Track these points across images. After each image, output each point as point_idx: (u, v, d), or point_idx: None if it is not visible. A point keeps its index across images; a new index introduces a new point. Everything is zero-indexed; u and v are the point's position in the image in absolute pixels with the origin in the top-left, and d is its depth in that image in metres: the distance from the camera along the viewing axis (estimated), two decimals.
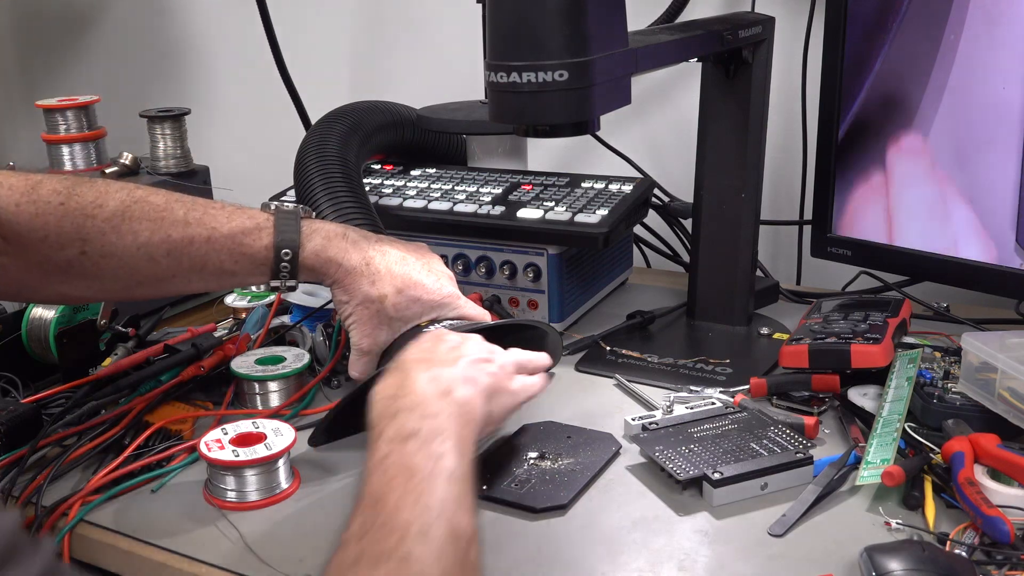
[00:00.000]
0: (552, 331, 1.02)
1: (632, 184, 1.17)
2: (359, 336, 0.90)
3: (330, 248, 0.89)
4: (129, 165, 1.28)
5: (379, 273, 0.89)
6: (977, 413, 0.83)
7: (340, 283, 0.89)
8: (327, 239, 0.89)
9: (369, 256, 0.89)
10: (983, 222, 0.98)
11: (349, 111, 1.21)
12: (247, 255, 0.87)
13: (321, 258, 0.88)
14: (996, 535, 0.70)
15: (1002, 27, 0.93)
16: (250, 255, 0.87)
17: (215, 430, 0.85)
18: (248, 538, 0.77)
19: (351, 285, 0.89)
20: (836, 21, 1.06)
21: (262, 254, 0.87)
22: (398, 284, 0.89)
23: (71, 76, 2.09)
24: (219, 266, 0.86)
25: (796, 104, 1.33)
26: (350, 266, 0.88)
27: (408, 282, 0.90)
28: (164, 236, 0.85)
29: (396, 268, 0.90)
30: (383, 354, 0.92)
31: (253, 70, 1.69)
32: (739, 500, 0.79)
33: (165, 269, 0.85)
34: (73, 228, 0.82)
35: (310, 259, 0.88)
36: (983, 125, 0.96)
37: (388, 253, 0.91)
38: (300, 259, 0.87)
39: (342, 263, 0.88)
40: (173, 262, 0.85)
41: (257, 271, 0.88)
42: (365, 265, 0.89)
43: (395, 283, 0.89)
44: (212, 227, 0.86)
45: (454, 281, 0.94)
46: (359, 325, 0.90)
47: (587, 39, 0.80)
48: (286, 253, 0.87)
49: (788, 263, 1.40)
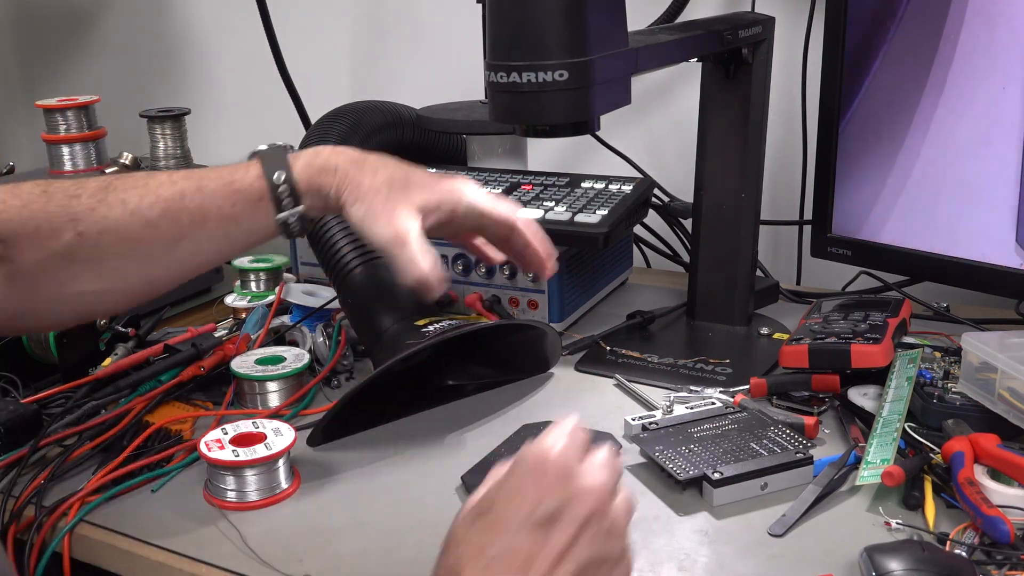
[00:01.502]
0: (551, 331, 1.03)
1: (632, 184, 1.17)
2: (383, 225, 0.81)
3: (320, 155, 0.84)
4: (129, 165, 1.28)
5: (377, 163, 0.84)
6: (977, 413, 0.83)
7: (341, 187, 0.83)
8: (315, 152, 0.85)
9: (363, 154, 0.85)
10: (983, 222, 0.98)
11: (349, 111, 1.21)
12: (241, 191, 0.82)
13: (314, 167, 0.83)
14: (996, 535, 0.70)
15: (1001, 27, 0.93)
16: (244, 191, 0.82)
17: (215, 430, 0.85)
18: (248, 538, 0.77)
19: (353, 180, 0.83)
20: (836, 21, 1.06)
21: (256, 185, 0.82)
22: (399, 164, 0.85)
23: (71, 76, 2.09)
24: (219, 213, 0.81)
25: (796, 104, 1.33)
26: (346, 166, 0.83)
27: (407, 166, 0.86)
28: (154, 197, 0.81)
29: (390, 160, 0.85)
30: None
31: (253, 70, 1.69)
32: (739, 500, 0.79)
33: (167, 232, 0.81)
34: (60, 210, 0.79)
35: (303, 173, 0.83)
36: (983, 125, 0.96)
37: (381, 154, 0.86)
38: (295, 177, 0.82)
39: (338, 166, 0.83)
40: (171, 222, 0.81)
41: (259, 209, 0.82)
42: (362, 159, 0.84)
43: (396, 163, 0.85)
44: (199, 177, 0.82)
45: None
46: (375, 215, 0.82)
47: (587, 39, 0.80)
48: (279, 175, 0.82)
49: (788, 263, 1.40)
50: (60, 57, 2.10)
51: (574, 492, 0.57)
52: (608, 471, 0.59)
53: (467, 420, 0.95)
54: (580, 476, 0.58)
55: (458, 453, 0.88)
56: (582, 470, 0.58)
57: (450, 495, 0.82)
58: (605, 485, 0.58)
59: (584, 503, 0.57)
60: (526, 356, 1.03)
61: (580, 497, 0.57)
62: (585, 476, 0.58)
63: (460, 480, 0.83)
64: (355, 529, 0.78)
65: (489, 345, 1.01)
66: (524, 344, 1.03)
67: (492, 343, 1.02)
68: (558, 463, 0.58)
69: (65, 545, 0.79)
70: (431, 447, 0.91)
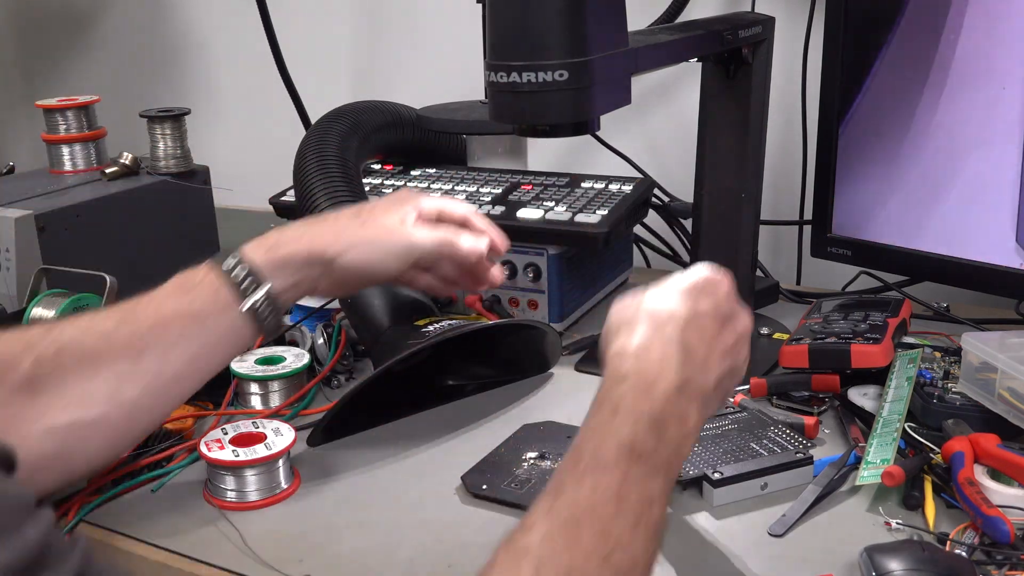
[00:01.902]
0: (551, 331, 1.03)
1: (632, 184, 1.17)
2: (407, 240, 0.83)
3: (268, 236, 0.82)
4: (129, 165, 1.28)
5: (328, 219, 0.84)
6: (977, 413, 0.83)
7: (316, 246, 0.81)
8: (262, 236, 0.82)
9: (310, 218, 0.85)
10: (983, 222, 0.98)
11: (349, 111, 1.21)
12: (196, 288, 0.79)
13: (266, 245, 0.80)
14: (996, 535, 0.70)
15: (1002, 27, 0.93)
16: (199, 286, 0.79)
17: (215, 430, 0.85)
18: (248, 538, 0.77)
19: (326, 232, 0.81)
20: (836, 21, 1.06)
21: (209, 278, 0.79)
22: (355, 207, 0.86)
23: (71, 76, 2.09)
24: (177, 312, 0.77)
25: (796, 104, 1.33)
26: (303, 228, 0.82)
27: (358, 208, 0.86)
28: (106, 313, 0.78)
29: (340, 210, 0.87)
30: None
31: (253, 70, 1.69)
32: (739, 500, 0.79)
33: (126, 341, 0.76)
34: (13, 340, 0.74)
35: (257, 251, 0.80)
36: (983, 125, 0.96)
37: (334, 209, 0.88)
38: (248, 256, 0.79)
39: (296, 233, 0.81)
40: (129, 329, 0.76)
41: (220, 301, 0.78)
42: (311, 219, 0.84)
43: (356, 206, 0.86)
44: (148, 291, 0.79)
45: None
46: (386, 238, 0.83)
47: (587, 39, 0.80)
48: (229, 261, 0.79)
49: (788, 263, 1.40)
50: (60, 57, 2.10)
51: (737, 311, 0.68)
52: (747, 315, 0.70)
53: (467, 420, 0.95)
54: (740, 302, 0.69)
55: (458, 453, 0.88)
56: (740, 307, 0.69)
57: (450, 495, 0.82)
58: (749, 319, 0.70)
59: (740, 323, 0.68)
60: (526, 356, 1.03)
61: (739, 318, 0.68)
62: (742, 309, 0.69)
63: (460, 480, 0.83)
64: (355, 529, 0.78)
65: (489, 345, 1.01)
66: (524, 344, 1.03)
67: (492, 343, 1.02)
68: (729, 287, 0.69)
69: None
70: (431, 447, 0.91)
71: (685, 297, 0.66)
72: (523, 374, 1.03)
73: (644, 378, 0.62)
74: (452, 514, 0.80)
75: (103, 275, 1.02)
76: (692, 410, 0.62)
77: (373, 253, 0.82)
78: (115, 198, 1.22)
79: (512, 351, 1.02)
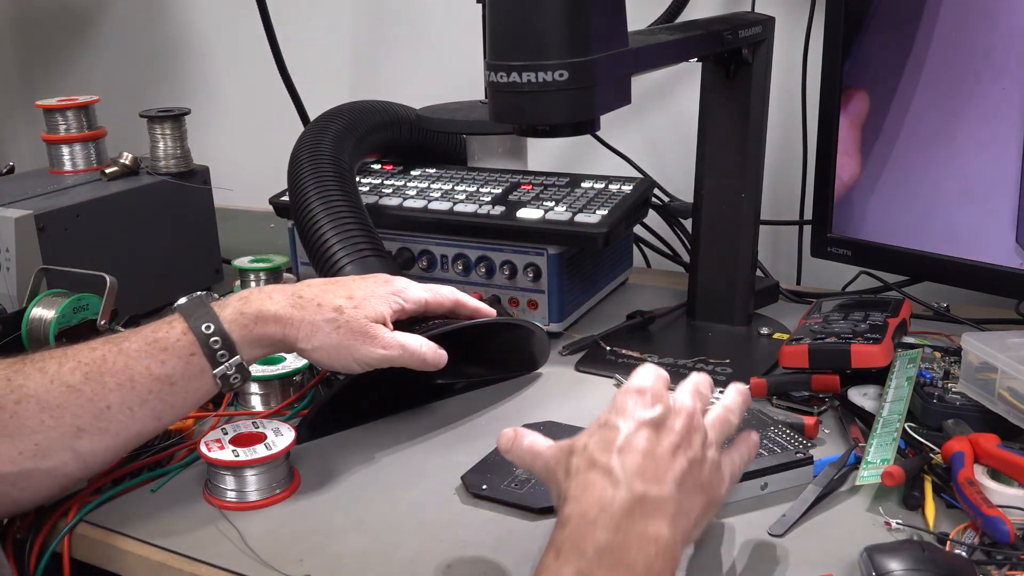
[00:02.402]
0: (539, 330, 1.03)
1: (632, 184, 1.17)
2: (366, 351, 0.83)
3: (251, 303, 0.81)
4: (129, 165, 1.28)
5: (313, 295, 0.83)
6: (977, 413, 0.83)
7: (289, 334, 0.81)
8: (243, 300, 0.82)
9: (294, 291, 0.84)
10: (983, 222, 0.98)
11: (345, 111, 1.21)
12: (169, 349, 0.78)
13: (248, 316, 0.80)
14: (996, 535, 0.70)
15: (1001, 27, 0.93)
16: (172, 348, 0.78)
17: (215, 430, 0.85)
18: (248, 538, 0.77)
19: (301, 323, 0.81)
20: (836, 21, 1.06)
21: (183, 341, 0.78)
22: (331, 286, 0.85)
23: (71, 76, 2.09)
24: (147, 373, 0.77)
25: (796, 104, 1.33)
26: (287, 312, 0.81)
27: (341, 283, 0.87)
28: (74, 363, 0.77)
29: (320, 285, 0.86)
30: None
31: (253, 70, 1.69)
32: (739, 500, 0.79)
33: (92, 397, 0.76)
34: None
35: (236, 323, 0.80)
36: (983, 124, 0.96)
37: (311, 284, 0.86)
38: (225, 328, 0.79)
39: (278, 313, 0.81)
40: (96, 386, 0.76)
41: (191, 365, 0.78)
42: (298, 298, 0.82)
43: (329, 287, 0.85)
44: (119, 340, 0.79)
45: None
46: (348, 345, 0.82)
47: (587, 39, 0.80)
48: (207, 327, 0.79)
49: (788, 263, 1.40)
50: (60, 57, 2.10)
51: (670, 407, 0.66)
52: (693, 396, 0.68)
53: (467, 420, 0.95)
54: (670, 399, 0.67)
55: (458, 453, 0.88)
56: (672, 395, 0.67)
57: (450, 495, 0.82)
58: (693, 406, 0.67)
59: (681, 414, 0.65)
60: (516, 355, 1.03)
61: (675, 411, 0.66)
62: (675, 399, 0.67)
63: (460, 480, 0.83)
64: (355, 529, 0.78)
65: (479, 344, 1.01)
66: (514, 343, 1.03)
67: (482, 342, 1.02)
68: (651, 390, 0.66)
69: (65, 545, 0.79)
70: (431, 447, 0.91)
71: (611, 420, 0.65)
72: (513, 372, 1.03)
73: (586, 516, 0.60)
74: (452, 514, 0.80)
75: (103, 275, 1.02)
76: (657, 526, 0.60)
77: (340, 360, 0.83)
78: (115, 198, 1.22)
79: (501, 350, 1.03)
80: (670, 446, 0.63)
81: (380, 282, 0.89)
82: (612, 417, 0.65)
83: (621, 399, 0.66)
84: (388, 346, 0.83)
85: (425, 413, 0.97)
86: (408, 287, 0.90)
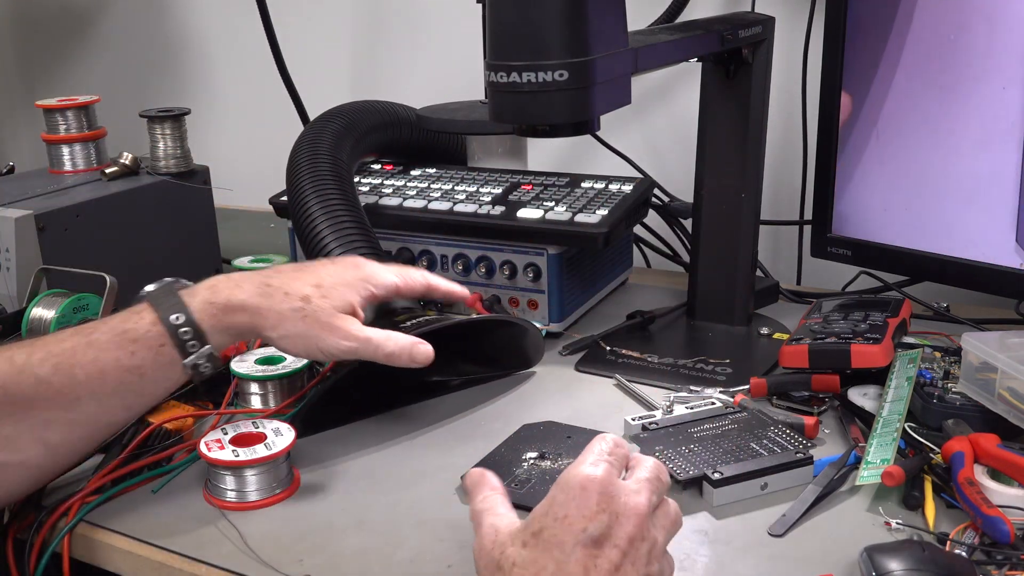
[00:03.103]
0: (533, 328, 1.03)
1: (632, 184, 1.17)
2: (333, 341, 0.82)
3: (219, 292, 0.80)
4: (129, 165, 1.28)
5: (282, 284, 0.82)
6: (977, 413, 0.83)
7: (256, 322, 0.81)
8: (212, 288, 0.81)
9: (264, 279, 0.83)
10: (983, 222, 0.98)
11: (344, 111, 1.21)
12: (139, 340, 0.77)
13: (216, 305, 0.80)
14: (996, 535, 0.70)
15: (1001, 27, 0.93)
16: (142, 339, 0.77)
17: (215, 430, 0.85)
18: (248, 538, 0.77)
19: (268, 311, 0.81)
20: (836, 21, 1.06)
21: (153, 332, 0.77)
22: (300, 272, 0.85)
23: (71, 76, 2.09)
24: (118, 365, 0.76)
25: (796, 104, 1.33)
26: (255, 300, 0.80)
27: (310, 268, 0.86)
28: (44, 353, 0.75)
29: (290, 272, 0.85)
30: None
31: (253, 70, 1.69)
32: (739, 500, 0.79)
33: (61, 389, 0.75)
34: None
35: (205, 312, 0.79)
36: (983, 125, 0.96)
37: (281, 270, 0.85)
38: (195, 318, 0.78)
39: (245, 302, 0.80)
40: (65, 378, 0.75)
41: (161, 355, 0.78)
42: (266, 287, 0.82)
43: (298, 273, 0.84)
44: (88, 332, 0.77)
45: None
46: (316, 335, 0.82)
47: (587, 39, 0.80)
48: (177, 317, 0.78)
49: (788, 263, 1.40)
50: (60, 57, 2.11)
51: (616, 513, 0.59)
52: (647, 491, 0.62)
53: (467, 421, 0.95)
54: (620, 498, 0.60)
55: (458, 453, 0.88)
56: (623, 491, 0.61)
57: (450, 495, 0.82)
58: (644, 506, 0.61)
59: (626, 525, 0.59)
60: (510, 353, 1.03)
61: (623, 519, 0.59)
62: (626, 497, 0.60)
63: (460, 480, 0.83)
64: (355, 529, 0.78)
65: (472, 341, 1.02)
66: (505, 341, 1.03)
67: (475, 339, 1.02)
68: (600, 486, 0.60)
69: (65, 545, 0.79)
70: (431, 447, 0.91)
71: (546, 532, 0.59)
72: (509, 370, 1.04)
73: None
74: (452, 514, 0.80)
75: (103, 275, 1.02)
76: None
77: (306, 348, 0.83)
78: (115, 198, 1.22)
79: (495, 348, 1.03)
80: (609, 567, 0.58)
81: (350, 267, 0.88)
82: (549, 526, 0.59)
83: (563, 494, 0.60)
84: (352, 338, 0.82)
85: (425, 413, 0.97)
86: (377, 272, 0.89)
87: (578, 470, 0.61)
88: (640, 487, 0.62)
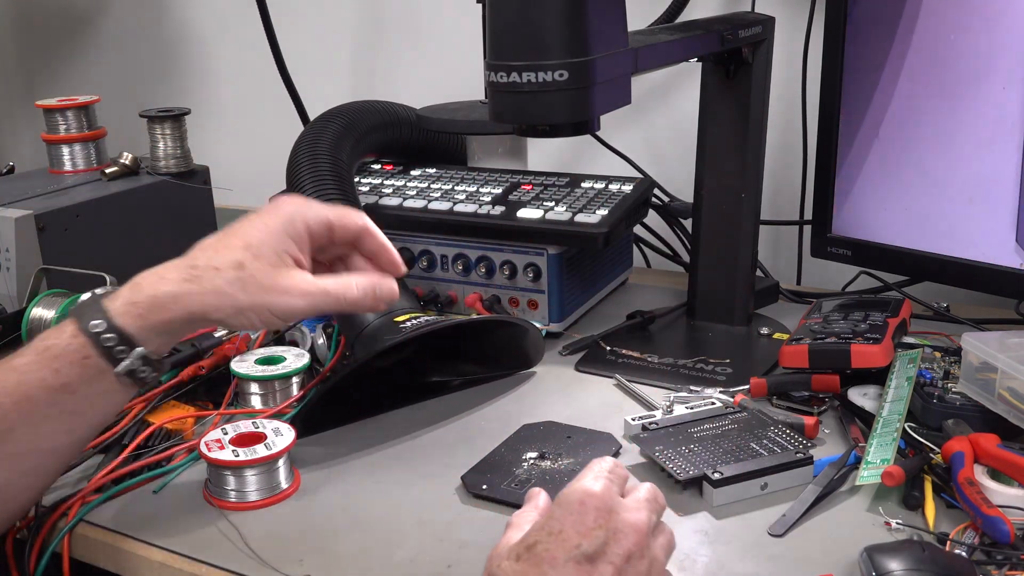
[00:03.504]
0: (533, 328, 1.03)
1: (632, 184, 1.17)
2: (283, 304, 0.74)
3: (142, 290, 0.73)
4: (129, 165, 1.28)
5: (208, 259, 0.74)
6: (977, 413, 0.83)
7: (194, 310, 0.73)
8: (134, 288, 0.74)
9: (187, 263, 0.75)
10: (983, 222, 0.98)
11: (344, 111, 1.21)
12: (61, 356, 0.71)
13: (140, 305, 0.72)
14: (996, 535, 0.70)
15: (1001, 27, 0.93)
16: (64, 354, 0.71)
17: (215, 430, 0.85)
18: (248, 538, 0.77)
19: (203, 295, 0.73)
20: (836, 21, 1.06)
21: (74, 344, 0.71)
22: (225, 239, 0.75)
23: (71, 76, 2.09)
24: (43, 385, 0.71)
25: (796, 104, 1.33)
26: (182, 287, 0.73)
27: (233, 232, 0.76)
28: None
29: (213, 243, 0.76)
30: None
31: (253, 70, 1.69)
32: (739, 500, 0.79)
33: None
34: None
35: (128, 314, 0.72)
36: (983, 125, 0.96)
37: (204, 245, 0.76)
38: (117, 322, 0.72)
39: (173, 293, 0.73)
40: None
41: (89, 368, 0.72)
42: (192, 270, 0.73)
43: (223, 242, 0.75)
44: (10, 357, 0.72)
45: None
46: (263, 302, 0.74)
47: (587, 39, 0.80)
48: (96, 324, 0.71)
49: (788, 263, 1.40)
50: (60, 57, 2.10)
51: (614, 530, 0.58)
52: (647, 510, 0.61)
53: (467, 420, 0.95)
54: (620, 514, 0.59)
55: (458, 453, 0.88)
56: (622, 508, 0.60)
57: (450, 495, 0.82)
58: (644, 523, 0.59)
59: (624, 541, 0.58)
60: (510, 353, 1.03)
61: (620, 535, 0.58)
62: (625, 514, 0.59)
63: (460, 480, 0.83)
64: (355, 529, 0.78)
65: (472, 341, 1.02)
66: (507, 341, 1.03)
67: (474, 339, 1.02)
68: (598, 502, 0.59)
69: (65, 545, 0.79)
70: (431, 448, 0.91)
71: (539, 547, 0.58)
72: (509, 370, 1.04)
73: None
74: (452, 514, 0.80)
75: (103, 275, 1.02)
76: None
77: (262, 320, 0.75)
78: (115, 198, 1.22)
79: (495, 348, 1.03)
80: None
81: (272, 212, 0.77)
82: (542, 540, 0.58)
83: (561, 509, 0.59)
84: (305, 294, 0.74)
85: (425, 413, 0.97)
86: (304, 207, 0.78)
87: (577, 485, 0.61)
88: (640, 506, 0.61)
